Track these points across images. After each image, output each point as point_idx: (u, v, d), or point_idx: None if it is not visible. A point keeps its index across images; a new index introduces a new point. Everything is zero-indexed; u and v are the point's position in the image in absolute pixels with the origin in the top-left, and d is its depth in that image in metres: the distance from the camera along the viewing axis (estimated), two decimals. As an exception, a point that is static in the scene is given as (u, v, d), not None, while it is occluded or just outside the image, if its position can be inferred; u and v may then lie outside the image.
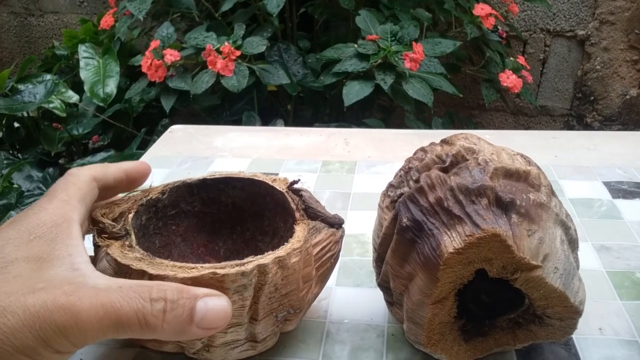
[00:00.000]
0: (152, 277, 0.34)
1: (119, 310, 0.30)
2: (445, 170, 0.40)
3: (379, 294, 0.46)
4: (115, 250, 0.37)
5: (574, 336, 0.45)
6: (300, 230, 0.41)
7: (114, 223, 0.39)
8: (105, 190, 0.42)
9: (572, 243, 0.40)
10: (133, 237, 0.39)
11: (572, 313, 0.38)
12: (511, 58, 1.55)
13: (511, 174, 0.39)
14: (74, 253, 0.34)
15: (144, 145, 1.49)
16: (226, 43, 1.30)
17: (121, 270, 0.35)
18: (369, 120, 1.52)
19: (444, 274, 0.37)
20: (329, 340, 0.46)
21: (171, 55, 1.32)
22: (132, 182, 0.44)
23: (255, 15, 1.56)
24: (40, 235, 0.33)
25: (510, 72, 1.48)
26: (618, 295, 0.50)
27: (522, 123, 2.11)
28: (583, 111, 2.07)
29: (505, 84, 1.46)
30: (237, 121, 1.48)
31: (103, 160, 1.58)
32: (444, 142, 0.43)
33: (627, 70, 2.01)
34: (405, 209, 0.39)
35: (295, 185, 0.46)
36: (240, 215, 0.50)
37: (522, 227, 0.37)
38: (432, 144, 0.44)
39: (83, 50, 1.67)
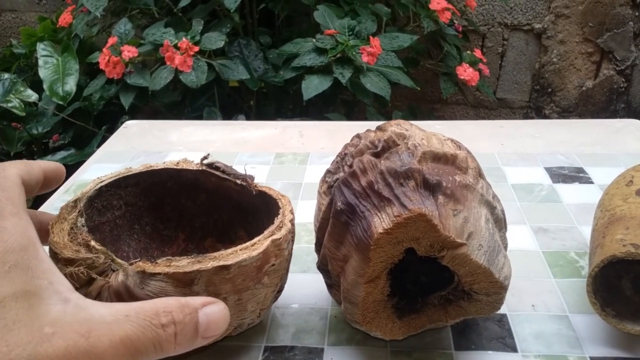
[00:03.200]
0: (228, 266, 0.37)
1: (136, 342, 0.30)
2: (377, 155, 0.42)
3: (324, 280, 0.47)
4: (131, 277, 0.37)
5: (507, 312, 0.47)
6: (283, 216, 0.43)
7: (97, 255, 0.38)
8: (27, 193, 0.37)
9: (499, 222, 0.42)
10: (113, 255, 0.39)
11: (497, 288, 0.40)
12: (468, 52, 1.59)
13: (439, 158, 0.41)
14: (53, 280, 0.31)
15: (103, 144, 1.48)
16: (184, 39, 1.30)
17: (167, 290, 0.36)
18: (331, 115, 1.54)
19: (375, 253, 0.38)
20: (274, 325, 0.47)
21: (129, 52, 1.32)
22: (47, 184, 0.40)
23: (216, 11, 1.56)
24: (15, 263, 0.30)
25: (467, 65, 1.51)
26: (552, 273, 0.52)
27: (482, 116, 2.16)
28: (541, 103, 2.12)
29: (462, 77, 1.49)
30: (198, 117, 1.48)
31: (64, 159, 1.56)
32: (378, 128, 0.45)
33: (582, 62, 2.07)
34: (339, 193, 0.41)
35: (206, 161, 0.48)
36: (150, 209, 0.51)
37: (448, 207, 0.39)
38: (368, 130, 0.46)
39: (42, 49, 1.65)
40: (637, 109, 2.13)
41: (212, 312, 0.34)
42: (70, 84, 1.58)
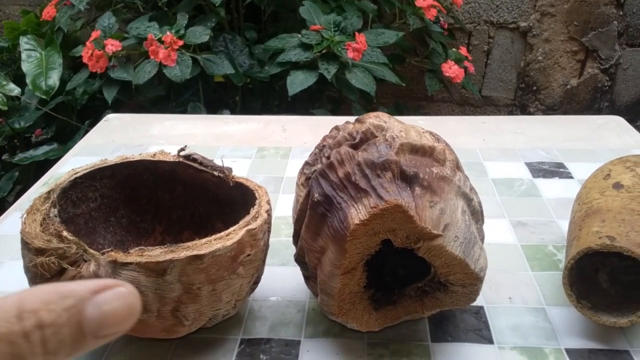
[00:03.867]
0: (202, 256, 0.36)
1: None
2: (355, 146, 0.42)
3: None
4: (105, 260, 0.36)
5: (484, 305, 0.47)
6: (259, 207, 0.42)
7: (69, 245, 0.37)
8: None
9: (475, 214, 0.42)
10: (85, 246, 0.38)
11: (473, 279, 0.40)
12: (453, 49, 1.59)
13: (417, 150, 0.41)
14: None
15: (88, 138, 1.46)
16: (168, 32, 1.29)
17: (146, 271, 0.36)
18: (317, 111, 1.53)
19: (352, 245, 0.38)
20: (251, 317, 0.47)
21: (112, 46, 1.30)
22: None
23: (201, 5, 1.55)
24: None
25: (453, 62, 1.51)
26: (530, 266, 0.52)
27: (467, 113, 2.16)
28: (526, 101, 2.13)
29: (447, 74, 1.49)
30: (183, 112, 1.47)
31: (46, 154, 1.55)
32: (357, 120, 0.45)
33: (567, 60, 2.08)
34: (316, 185, 0.41)
35: (183, 153, 0.48)
36: (125, 201, 0.50)
37: (425, 198, 0.38)
38: (346, 122, 0.45)
39: (25, 42, 1.63)
40: (620, 108, 2.15)
41: (108, 301, 0.23)
42: (54, 78, 1.56)
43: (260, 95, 1.66)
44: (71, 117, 1.61)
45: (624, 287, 0.46)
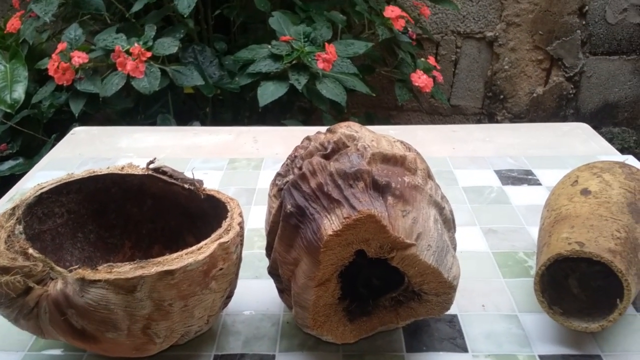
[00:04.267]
0: (172, 271, 0.36)
1: None
2: (327, 157, 0.42)
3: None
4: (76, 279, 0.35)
5: (457, 313, 0.48)
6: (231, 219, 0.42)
7: (35, 263, 0.36)
8: None
9: (447, 223, 0.42)
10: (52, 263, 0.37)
11: (446, 288, 0.40)
12: (422, 59, 1.61)
13: (388, 159, 0.41)
14: None
15: (54, 152, 1.43)
16: (136, 44, 1.27)
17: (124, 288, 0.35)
18: (288, 122, 1.53)
19: (325, 256, 0.38)
20: (224, 332, 0.46)
21: (79, 58, 1.28)
22: None
23: (169, 16, 1.54)
24: None
25: (422, 72, 1.53)
26: (501, 273, 0.53)
27: (437, 122, 2.19)
28: (494, 109, 2.17)
29: (417, 84, 1.50)
30: (152, 124, 1.45)
31: (12, 169, 1.51)
32: (328, 130, 0.45)
33: (533, 69, 2.12)
34: (289, 196, 0.40)
35: (152, 165, 0.47)
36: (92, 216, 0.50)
37: (397, 208, 0.38)
38: (318, 132, 0.45)
39: (-13, 55, 1.59)
40: (585, 115, 2.20)
41: None
42: (19, 92, 1.52)
43: (230, 107, 1.65)
44: (37, 131, 1.57)
45: (594, 292, 0.46)
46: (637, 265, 0.43)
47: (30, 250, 0.37)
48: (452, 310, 0.47)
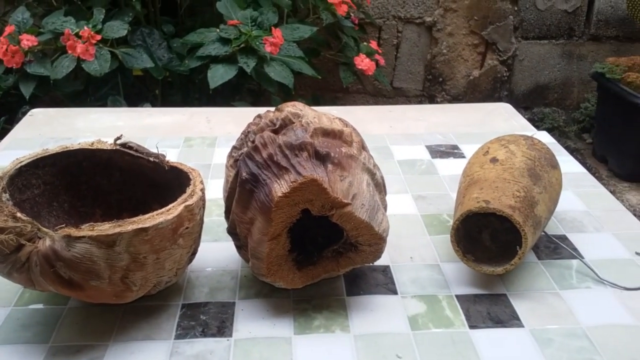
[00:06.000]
0: (146, 229, 0.42)
1: None
2: (276, 131, 0.49)
3: (234, 246, 0.53)
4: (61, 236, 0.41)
5: (389, 264, 0.56)
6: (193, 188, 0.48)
7: (25, 224, 0.42)
8: None
9: (378, 186, 0.50)
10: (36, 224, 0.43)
11: (377, 239, 0.48)
12: (365, 43, 1.69)
13: (328, 133, 0.48)
14: None
15: (4, 135, 1.44)
16: (85, 27, 1.29)
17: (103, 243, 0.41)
18: (237, 104, 1.59)
19: (276, 214, 0.45)
20: (189, 286, 0.53)
21: (28, 41, 1.30)
22: None
23: None
24: None
25: (364, 55, 1.61)
26: (427, 232, 0.61)
27: (380, 104, 2.28)
28: (434, 91, 2.28)
29: (360, 67, 1.59)
30: (102, 107, 1.48)
31: (-43, 152, 1.50)
32: (276, 109, 0.52)
33: (469, 53, 2.24)
34: (244, 165, 0.47)
35: (119, 141, 0.53)
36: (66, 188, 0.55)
37: (336, 173, 0.46)
38: (267, 111, 0.52)
39: None
40: (518, 96, 2.34)
41: None
42: (-37, 74, 1.51)
43: (180, 89, 1.69)
44: (-16, 114, 1.57)
45: (503, 245, 0.55)
46: (534, 219, 0.52)
47: (19, 214, 0.43)
48: (385, 262, 0.56)
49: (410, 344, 0.47)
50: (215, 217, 0.63)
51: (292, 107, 0.51)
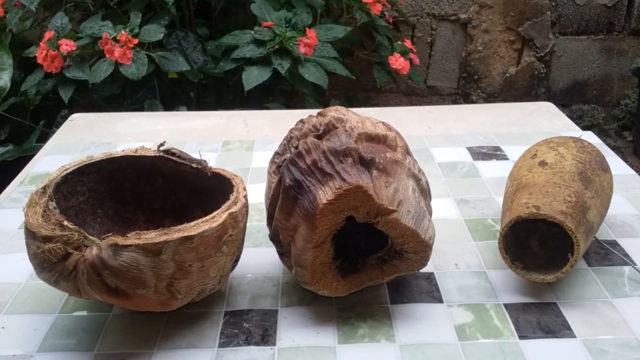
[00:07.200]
0: (192, 237, 0.42)
1: None
2: (319, 137, 0.48)
3: (275, 252, 0.53)
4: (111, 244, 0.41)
5: (434, 271, 0.55)
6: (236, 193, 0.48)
7: (72, 233, 0.42)
8: None
9: (424, 192, 0.49)
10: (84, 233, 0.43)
11: (423, 247, 0.47)
12: (399, 42, 1.67)
13: (372, 138, 0.47)
14: None
15: (44, 138, 1.47)
16: (123, 31, 1.31)
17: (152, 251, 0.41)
18: (271, 105, 1.59)
19: (321, 222, 0.44)
20: (232, 292, 0.53)
21: (67, 45, 1.32)
22: None
23: (152, 3, 1.58)
24: None
25: (399, 55, 1.59)
26: (472, 237, 0.60)
27: (414, 103, 2.26)
28: (469, 90, 2.25)
29: (394, 66, 1.57)
30: (139, 109, 1.49)
31: (2, 156, 1.54)
32: (319, 114, 0.51)
33: (505, 50, 2.20)
34: (287, 171, 0.47)
35: (162, 148, 0.53)
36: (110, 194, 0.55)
37: (381, 179, 0.45)
38: (310, 116, 0.52)
39: (-29, 43, 1.61)
40: (556, 93, 2.29)
41: None
42: (5, 79, 1.55)
43: (214, 91, 1.70)
44: (24, 118, 1.61)
45: (552, 251, 0.54)
46: (586, 225, 0.50)
47: (65, 223, 0.43)
48: (429, 269, 0.54)
49: (458, 354, 0.45)
50: (255, 223, 0.63)
51: (336, 112, 0.50)
